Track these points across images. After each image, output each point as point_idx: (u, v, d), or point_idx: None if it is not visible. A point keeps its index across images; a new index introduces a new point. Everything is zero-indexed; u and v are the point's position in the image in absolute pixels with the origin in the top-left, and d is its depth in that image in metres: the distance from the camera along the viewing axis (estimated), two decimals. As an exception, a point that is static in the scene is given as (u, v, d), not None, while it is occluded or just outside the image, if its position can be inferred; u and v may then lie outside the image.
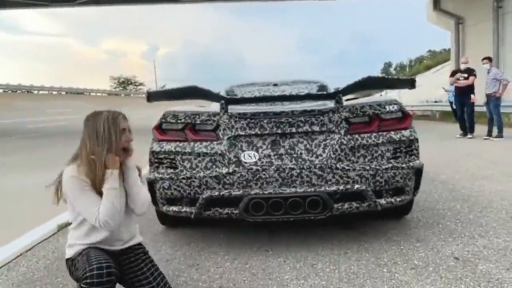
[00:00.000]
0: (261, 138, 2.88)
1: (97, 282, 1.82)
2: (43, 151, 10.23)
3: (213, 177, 2.84)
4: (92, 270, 1.83)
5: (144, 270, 2.10)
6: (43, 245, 3.32)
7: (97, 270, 1.83)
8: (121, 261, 2.11)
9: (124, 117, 2.10)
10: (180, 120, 3.00)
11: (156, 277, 2.08)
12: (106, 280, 1.83)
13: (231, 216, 2.88)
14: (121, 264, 2.10)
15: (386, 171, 2.85)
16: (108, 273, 1.84)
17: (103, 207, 1.95)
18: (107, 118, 2.03)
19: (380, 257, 2.77)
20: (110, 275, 1.84)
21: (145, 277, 2.08)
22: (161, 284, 2.08)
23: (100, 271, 1.83)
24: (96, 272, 1.83)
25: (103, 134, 2.00)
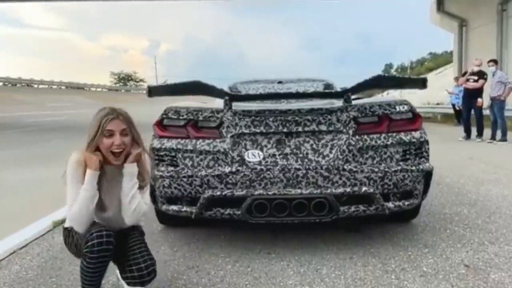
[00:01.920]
0: (266, 137, 2.77)
1: (97, 243, 1.85)
2: (41, 146, 10.12)
3: (215, 176, 2.73)
4: (91, 234, 1.87)
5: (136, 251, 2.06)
6: (38, 242, 3.21)
7: (97, 232, 1.87)
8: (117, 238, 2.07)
9: (118, 118, 2.00)
10: (182, 116, 2.89)
11: (146, 260, 2.04)
12: (105, 242, 1.86)
13: (233, 217, 2.77)
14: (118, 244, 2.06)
15: (395, 174, 2.74)
16: (107, 241, 1.87)
17: (72, 209, 1.95)
18: (98, 116, 1.99)
19: (387, 263, 2.66)
20: (109, 243, 1.88)
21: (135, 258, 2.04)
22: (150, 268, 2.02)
23: (100, 235, 1.87)
24: (96, 234, 1.86)
25: (90, 131, 1.99)
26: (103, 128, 1.95)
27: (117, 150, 1.99)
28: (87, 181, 1.94)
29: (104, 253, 1.87)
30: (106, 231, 1.89)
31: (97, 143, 1.97)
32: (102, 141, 1.97)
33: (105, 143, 1.97)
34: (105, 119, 1.96)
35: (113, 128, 1.97)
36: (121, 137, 1.99)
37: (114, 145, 1.97)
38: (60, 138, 11.70)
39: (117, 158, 2.02)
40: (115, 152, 1.99)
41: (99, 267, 1.89)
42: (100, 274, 1.94)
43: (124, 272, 2.03)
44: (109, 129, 1.96)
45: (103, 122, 1.96)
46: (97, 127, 1.96)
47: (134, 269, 1.99)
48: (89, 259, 1.86)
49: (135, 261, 2.00)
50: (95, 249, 1.84)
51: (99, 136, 1.96)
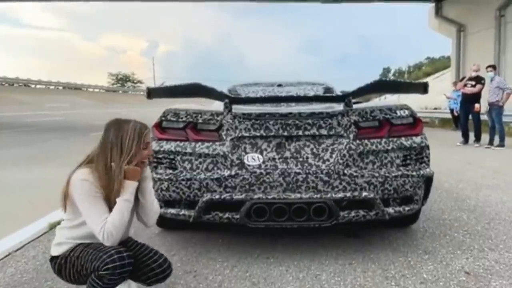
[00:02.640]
0: (266, 140, 2.75)
1: (120, 266, 1.82)
2: (39, 146, 10.06)
3: (214, 179, 2.70)
4: (112, 256, 1.82)
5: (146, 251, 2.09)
6: (33, 244, 3.17)
7: (118, 254, 1.83)
8: None
9: (150, 130, 2.07)
10: (181, 119, 2.86)
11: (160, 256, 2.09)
12: (127, 263, 1.85)
13: (231, 221, 2.74)
14: None
15: (395, 179, 2.72)
16: (128, 256, 1.86)
17: (112, 218, 1.88)
18: (134, 130, 1.97)
19: (387, 269, 2.64)
20: (130, 264, 1.86)
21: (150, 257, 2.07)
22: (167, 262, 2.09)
23: (121, 256, 1.84)
24: (117, 256, 1.82)
25: (128, 144, 1.94)
26: (144, 141, 1.98)
27: (147, 160, 2.04)
28: (129, 192, 1.92)
29: (125, 274, 1.86)
30: (126, 251, 1.88)
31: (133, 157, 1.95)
32: (142, 153, 1.99)
33: (144, 155, 2.00)
34: (145, 133, 2.00)
35: (149, 140, 2.04)
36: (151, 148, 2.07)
37: (149, 156, 2.04)
38: (58, 138, 11.66)
39: (145, 165, 2.06)
40: (145, 161, 2.04)
41: (118, 284, 1.87)
42: None
43: (142, 275, 2.02)
44: (147, 142, 2.02)
45: (143, 136, 1.99)
46: (137, 141, 1.95)
47: (155, 266, 2.02)
48: (108, 280, 1.82)
49: (152, 259, 2.04)
50: (117, 271, 1.81)
51: (139, 150, 1.97)
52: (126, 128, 1.95)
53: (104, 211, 1.89)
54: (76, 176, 1.91)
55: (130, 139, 1.93)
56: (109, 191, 1.91)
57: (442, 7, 20.21)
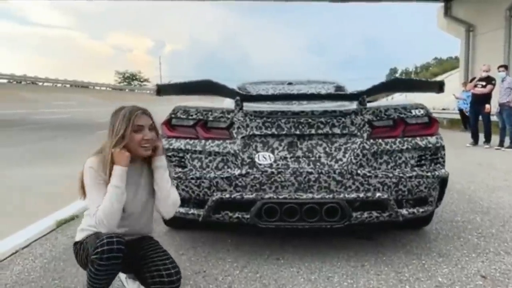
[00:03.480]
0: (277, 139, 2.69)
1: (107, 250, 1.77)
2: (46, 143, 10.07)
3: (225, 178, 2.65)
4: (102, 240, 1.79)
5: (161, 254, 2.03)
6: (41, 242, 3.14)
7: (108, 239, 1.79)
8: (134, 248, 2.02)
9: (145, 113, 2.01)
10: (191, 116, 2.81)
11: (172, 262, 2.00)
12: (116, 249, 1.78)
13: (241, 220, 2.69)
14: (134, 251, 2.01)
15: (409, 180, 2.65)
16: (118, 242, 1.79)
17: (103, 205, 1.86)
18: (125, 113, 1.96)
19: (401, 271, 2.57)
20: (119, 250, 1.79)
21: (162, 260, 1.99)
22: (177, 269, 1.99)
23: (111, 241, 1.78)
24: (106, 241, 1.78)
25: (117, 127, 1.95)
26: (133, 123, 1.94)
27: (146, 144, 1.98)
28: (117, 178, 1.88)
29: (114, 261, 1.79)
30: (117, 237, 1.82)
31: (126, 140, 1.94)
32: (132, 136, 1.94)
33: (135, 138, 1.95)
34: (135, 115, 1.96)
35: (143, 123, 1.97)
36: (149, 132, 1.99)
37: (143, 140, 1.97)
38: (65, 136, 11.68)
39: (147, 150, 2.00)
40: (144, 146, 1.98)
41: (108, 274, 1.81)
42: (108, 281, 1.87)
43: (150, 278, 1.94)
44: (139, 124, 1.96)
45: (133, 118, 1.95)
46: (126, 123, 1.94)
47: (164, 274, 1.91)
48: (98, 266, 1.77)
49: (164, 265, 1.95)
50: (104, 256, 1.77)
51: (130, 133, 1.94)
52: (118, 113, 1.97)
53: (101, 198, 1.89)
54: (85, 164, 1.95)
55: (119, 122, 1.94)
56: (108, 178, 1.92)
57: (451, 7, 20.03)
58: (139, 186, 2.05)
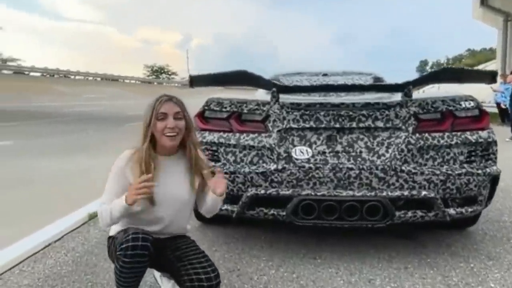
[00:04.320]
0: (315, 133, 2.55)
1: (131, 247, 1.68)
2: (77, 135, 10.23)
3: (260, 173, 2.53)
4: (127, 237, 1.71)
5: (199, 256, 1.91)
6: (73, 235, 3.12)
7: (133, 235, 1.71)
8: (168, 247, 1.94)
9: (171, 100, 1.88)
10: (225, 108, 2.70)
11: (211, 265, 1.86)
12: (140, 246, 1.69)
13: (277, 217, 2.57)
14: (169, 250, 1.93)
15: (458, 177, 2.47)
16: (143, 239, 1.71)
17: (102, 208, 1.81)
18: (153, 100, 1.87)
19: (448, 275, 2.40)
20: (144, 247, 1.70)
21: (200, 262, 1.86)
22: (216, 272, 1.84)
23: (136, 237, 1.70)
24: (131, 237, 1.70)
25: (144, 117, 1.87)
26: (156, 111, 1.83)
27: (170, 133, 1.86)
28: (116, 210, 1.75)
29: (139, 258, 1.70)
30: (144, 234, 1.73)
31: (152, 129, 1.84)
32: (155, 125, 1.84)
33: (158, 127, 1.84)
34: (158, 102, 1.85)
35: (166, 110, 1.85)
36: (175, 121, 1.86)
37: (167, 128, 1.84)
38: (95, 128, 11.85)
39: (173, 140, 1.87)
40: (169, 136, 1.86)
41: (133, 272, 1.72)
42: (136, 279, 1.78)
43: (188, 281, 1.80)
44: (163, 112, 1.84)
45: (156, 105, 1.85)
46: (151, 111, 1.85)
47: (204, 278, 1.77)
48: (122, 262, 1.69)
49: (203, 268, 1.81)
50: (128, 253, 1.68)
51: (153, 121, 1.84)
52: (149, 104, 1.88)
53: (112, 194, 1.83)
54: (121, 155, 1.90)
55: (146, 110, 1.86)
56: None
57: (488, -4, 19.18)
58: (176, 183, 1.93)
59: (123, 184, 1.84)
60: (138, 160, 1.82)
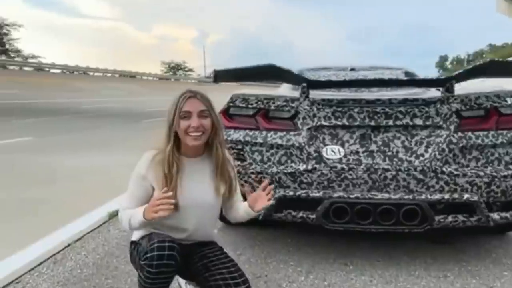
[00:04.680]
0: (348, 131, 2.40)
1: (157, 257, 1.54)
2: (94, 132, 10.24)
3: (288, 173, 2.39)
4: (152, 245, 1.57)
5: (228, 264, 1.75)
6: (93, 235, 3.03)
7: (158, 243, 1.56)
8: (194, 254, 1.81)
9: (195, 97, 1.71)
10: (251, 105, 2.56)
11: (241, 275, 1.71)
12: (167, 256, 1.55)
13: (306, 220, 2.43)
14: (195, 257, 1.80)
15: (504, 179, 2.28)
16: (170, 247, 1.56)
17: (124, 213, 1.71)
18: (176, 97, 1.71)
19: (492, 285, 2.23)
20: (170, 257, 1.55)
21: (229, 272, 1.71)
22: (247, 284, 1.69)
23: (161, 246, 1.55)
24: (156, 245, 1.56)
25: (168, 116, 1.72)
26: (179, 109, 1.67)
27: (194, 133, 1.68)
28: (137, 223, 1.64)
29: (164, 269, 1.56)
30: (170, 242, 1.59)
31: (176, 128, 1.69)
32: (179, 124, 1.68)
33: (181, 126, 1.68)
34: (182, 99, 1.68)
35: (190, 108, 1.68)
36: (199, 119, 1.68)
37: (191, 128, 1.67)
38: (113, 124, 11.86)
39: (197, 140, 1.70)
40: (193, 135, 1.70)
41: (159, 282, 1.59)
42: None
43: None
44: (186, 110, 1.68)
45: (179, 102, 1.69)
46: (174, 109, 1.68)
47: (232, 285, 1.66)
48: (148, 273, 1.56)
49: (233, 279, 1.67)
50: (154, 263, 1.55)
51: (176, 119, 1.67)
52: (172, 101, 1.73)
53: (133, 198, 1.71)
54: (143, 155, 1.76)
55: (169, 107, 1.71)
56: None
57: (515, -12, 18.60)
58: (201, 187, 1.78)
59: (145, 188, 1.72)
60: (161, 162, 1.69)
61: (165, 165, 1.69)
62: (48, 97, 21.22)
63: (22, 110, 14.53)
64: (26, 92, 21.18)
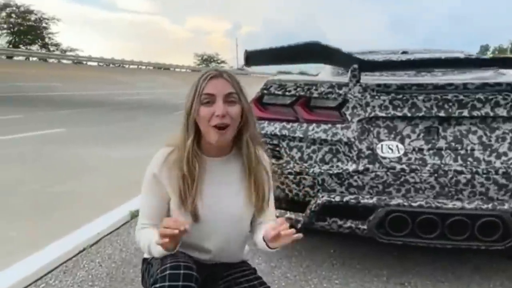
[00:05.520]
0: (409, 123, 1.95)
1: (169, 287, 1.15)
2: (127, 124, 10.13)
3: (334, 175, 1.98)
4: (164, 271, 1.18)
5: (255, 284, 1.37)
6: (111, 238, 2.73)
7: (171, 270, 1.18)
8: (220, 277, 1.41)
9: (220, 76, 1.28)
10: (289, 92, 2.15)
11: None
12: (182, 286, 1.16)
13: (355, 231, 2.01)
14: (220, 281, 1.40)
15: None
16: (186, 276, 1.17)
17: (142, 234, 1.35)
18: (198, 77, 1.29)
19: None
20: (188, 280, 1.17)
21: None
22: None
23: (175, 274, 1.17)
24: (168, 273, 1.17)
25: (186, 101, 1.30)
26: (200, 92, 1.25)
27: (220, 123, 1.24)
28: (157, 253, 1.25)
29: None
30: (186, 269, 1.19)
31: (194, 117, 1.27)
32: (198, 111, 1.26)
33: (202, 114, 1.25)
34: (203, 78, 1.26)
35: (213, 90, 1.25)
36: (225, 105, 1.25)
37: (215, 117, 1.24)
38: (146, 116, 11.76)
39: (222, 134, 1.27)
40: (217, 127, 1.25)
41: None
42: None
43: None
44: (208, 93, 1.25)
45: (200, 84, 1.25)
46: (193, 92, 1.26)
47: None
48: None
49: None
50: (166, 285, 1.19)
51: (195, 105, 1.25)
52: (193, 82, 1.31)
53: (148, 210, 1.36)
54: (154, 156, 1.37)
55: (189, 93, 1.29)
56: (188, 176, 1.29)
57: None
58: (227, 195, 1.37)
59: (160, 195, 1.33)
60: (177, 162, 1.29)
61: (184, 165, 1.30)
62: (85, 89, 21.57)
63: (59, 102, 14.71)
64: (65, 85, 21.56)
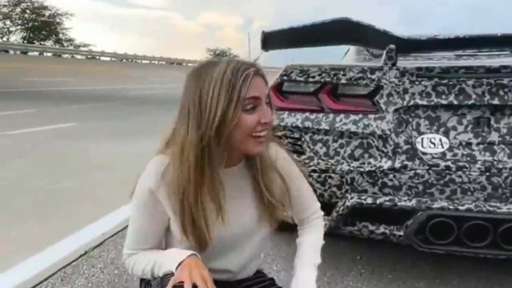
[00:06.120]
0: (455, 113, 1.68)
1: None
2: (139, 118, 10.01)
3: (365, 173, 1.72)
4: None
5: None
6: (116, 240, 2.52)
7: None
8: None
9: (258, 73, 0.97)
10: (313, 78, 1.89)
11: None
12: None
13: (389, 238, 1.76)
14: None
15: None
16: None
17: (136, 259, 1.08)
18: (223, 72, 0.93)
19: None
20: None
21: None
22: None
23: None
24: None
25: (206, 105, 0.93)
26: (243, 96, 0.92)
27: (263, 132, 0.96)
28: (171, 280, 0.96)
29: None
30: None
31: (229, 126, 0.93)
32: (240, 121, 0.94)
33: (245, 123, 0.94)
34: (243, 78, 0.92)
35: (258, 93, 0.95)
36: (268, 109, 0.97)
37: (260, 125, 0.95)
38: (158, 110, 11.60)
39: (263, 143, 0.99)
40: (258, 136, 0.96)
41: None
42: None
43: None
44: (253, 96, 0.94)
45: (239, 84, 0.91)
46: (229, 95, 0.91)
47: None
48: None
49: None
50: None
51: (235, 114, 0.92)
52: (212, 73, 0.94)
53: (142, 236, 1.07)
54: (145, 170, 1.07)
55: (213, 91, 0.92)
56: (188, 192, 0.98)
57: None
58: (241, 206, 1.09)
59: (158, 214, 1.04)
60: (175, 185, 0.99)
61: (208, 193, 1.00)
62: (98, 84, 21.61)
63: (72, 97, 14.70)
64: (78, 80, 21.64)
